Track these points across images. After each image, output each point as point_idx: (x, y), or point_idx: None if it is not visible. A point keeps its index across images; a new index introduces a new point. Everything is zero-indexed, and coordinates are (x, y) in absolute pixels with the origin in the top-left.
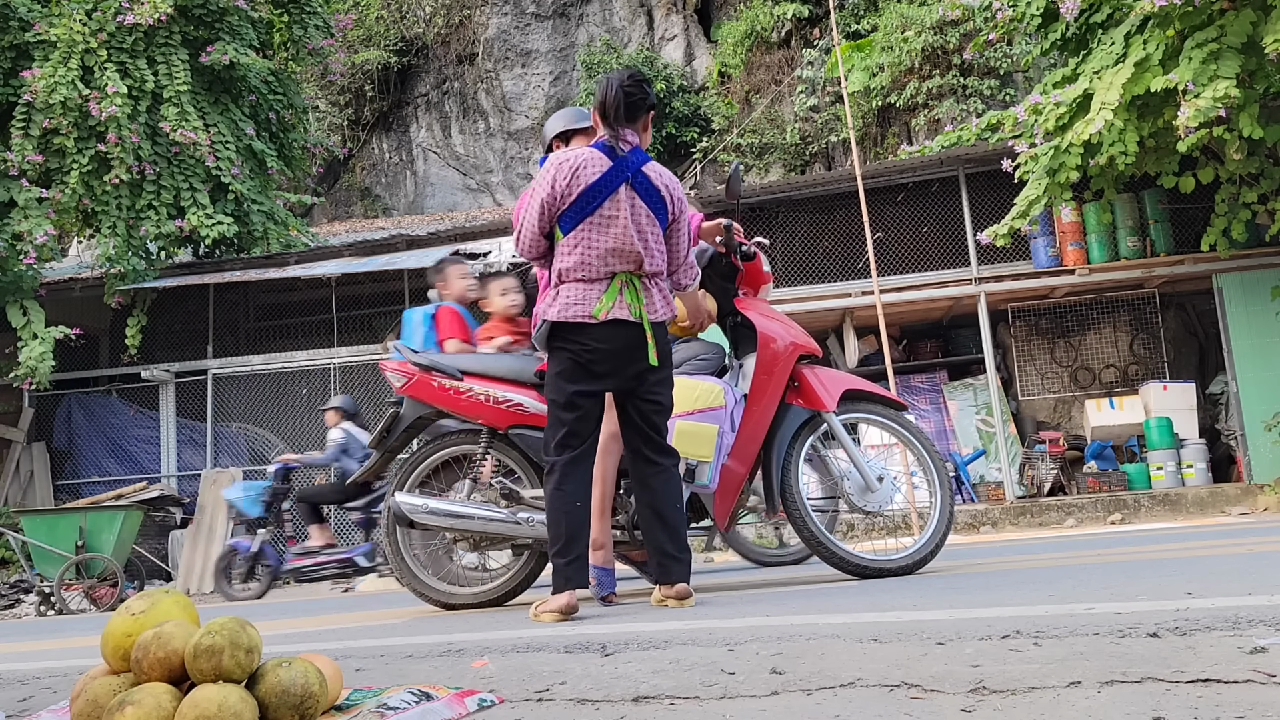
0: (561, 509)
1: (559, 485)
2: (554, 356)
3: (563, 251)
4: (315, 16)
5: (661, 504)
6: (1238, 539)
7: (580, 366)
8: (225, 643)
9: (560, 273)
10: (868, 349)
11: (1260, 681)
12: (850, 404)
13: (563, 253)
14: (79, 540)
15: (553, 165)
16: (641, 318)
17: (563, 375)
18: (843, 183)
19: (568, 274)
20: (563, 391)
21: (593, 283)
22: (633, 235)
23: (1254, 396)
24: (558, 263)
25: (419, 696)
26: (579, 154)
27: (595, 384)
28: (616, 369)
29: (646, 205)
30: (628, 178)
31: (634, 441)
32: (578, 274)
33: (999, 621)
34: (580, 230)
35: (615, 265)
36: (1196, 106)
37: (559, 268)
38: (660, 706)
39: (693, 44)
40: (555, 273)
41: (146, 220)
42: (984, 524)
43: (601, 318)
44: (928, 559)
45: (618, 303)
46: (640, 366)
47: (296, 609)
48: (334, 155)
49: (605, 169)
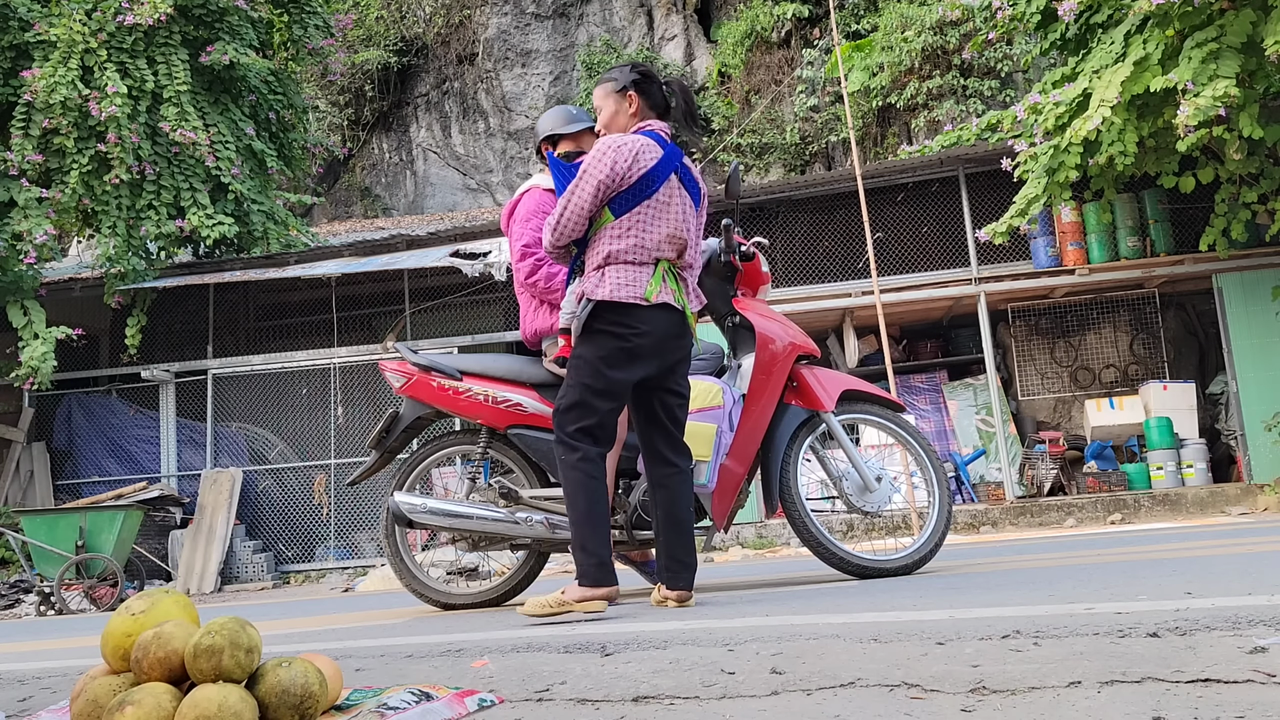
0: (595, 495)
1: (591, 474)
2: (595, 340)
3: (614, 234)
4: (315, 16)
5: (678, 508)
6: (1238, 539)
7: (624, 351)
8: (225, 643)
9: (609, 255)
10: (868, 349)
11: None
12: (848, 404)
13: (614, 235)
14: (79, 540)
15: (610, 148)
16: (684, 305)
17: (605, 360)
18: (843, 183)
19: (617, 256)
20: (601, 378)
21: (641, 266)
22: (685, 223)
23: (1254, 396)
24: (607, 245)
25: (419, 696)
26: (636, 139)
27: (636, 370)
28: (660, 355)
29: (689, 196)
30: (676, 167)
31: (654, 440)
32: (628, 257)
33: (999, 621)
34: (636, 213)
35: (665, 251)
36: (1196, 105)
37: (608, 250)
38: (660, 706)
39: (693, 44)
40: (603, 255)
41: (146, 220)
42: (984, 524)
43: (653, 300)
44: (926, 559)
45: (664, 288)
46: (679, 355)
47: (296, 609)
48: (334, 155)
49: (660, 155)
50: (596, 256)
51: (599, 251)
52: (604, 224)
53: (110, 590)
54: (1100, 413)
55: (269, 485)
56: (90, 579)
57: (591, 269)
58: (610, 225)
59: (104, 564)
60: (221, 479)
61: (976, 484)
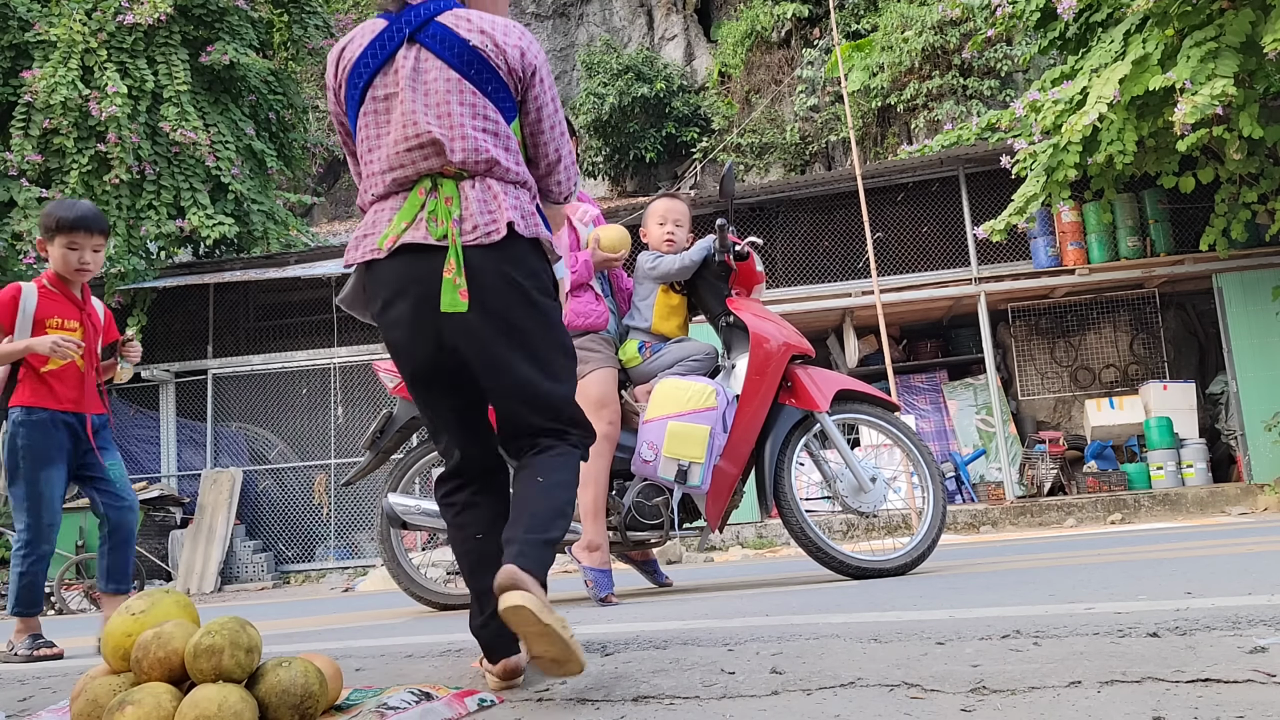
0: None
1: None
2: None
3: (356, 172)
4: (315, 16)
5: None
6: (1238, 539)
7: (382, 333)
8: (225, 642)
9: (360, 202)
10: (868, 349)
11: (1260, 681)
12: (843, 404)
13: (357, 174)
14: (79, 540)
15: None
16: (450, 235)
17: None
18: (843, 182)
19: (362, 198)
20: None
21: (383, 200)
22: (433, 108)
23: (1254, 396)
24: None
25: (419, 696)
26: (353, 30)
27: (402, 362)
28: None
29: (447, 64)
30: (408, 34)
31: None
32: (368, 194)
33: (999, 621)
34: (361, 128)
35: (411, 163)
36: (1194, 103)
37: (359, 196)
38: (660, 706)
39: (693, 44)
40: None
41: (146, 220)
42: (984, 524)
43: (387, 248)
44: (921, 559)
45: (415, 222)
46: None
47: (296, 609)
48: (334, 155)
49: (377, 32)
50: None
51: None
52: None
53: None
54: (1100, 413)
55: (269, 485)
56: (90, 579)
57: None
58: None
59: None
60: (221, 479)
61: (976, 484)
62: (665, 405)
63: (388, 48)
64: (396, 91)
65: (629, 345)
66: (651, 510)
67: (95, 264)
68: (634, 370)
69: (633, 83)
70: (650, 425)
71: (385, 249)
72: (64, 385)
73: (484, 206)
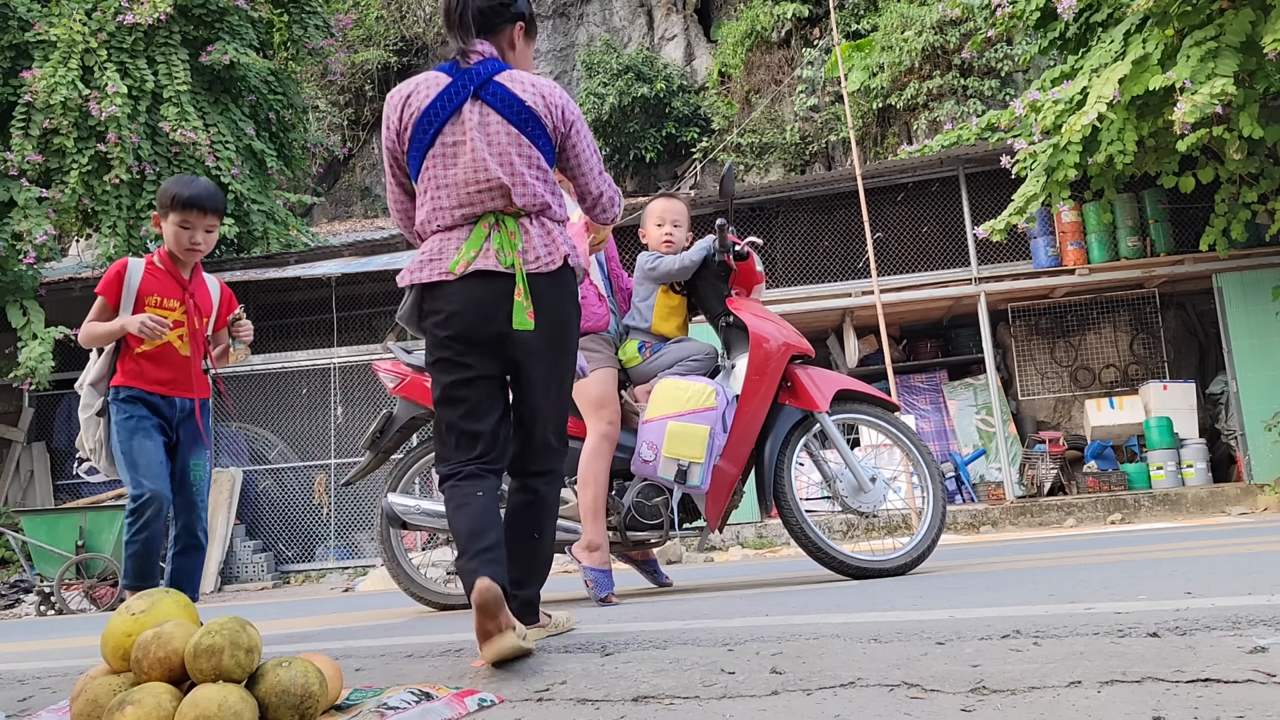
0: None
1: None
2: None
3: (420, 205)
4: (315, 16)
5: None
6: (1238, 539)
7: (437, 343)
8: (225, 643)
9: (419, 231)
10: (868, 349)
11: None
12: (843, 404)
13: (420, 206)
14: (79, 540)
15: (387, 104)
16: (515, 265)
17: (432, 364)
18: (843, 182)
19: (423, 228)
20: (436, 384)
21: (449, 231)
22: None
23: (1254, 396)
24: (416, 218)
25: (419, 696)
26: (410, 81)
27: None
28: (475, 335)
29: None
30: (473, 90)
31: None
32: (433, 224)
33: (999, 621)
34: (426, 167)
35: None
36: (1194, 102)
37: (418, 223)
38: (660, 706)
39: (693, 44)
40: (416, 234)
41: (146, 220)
42: (984, 524)
43: (459, 272)
44: (921, 559)
45: (483, 252)
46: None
47: (296, 609)
48: (334, 155)
49: (443, 87)
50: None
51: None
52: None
53: (110, 590)
54: (1100, 413)
55: (269, 485)
56: (90, 579)
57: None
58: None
59: (104, 564)
60: (221, 479)
61: (976, 484)
62: (665, 405)
63: (454, 101)
64: (464, 140)
65: (629, 345)
66: (651, 510)
67: (207, 245)
68: (634, 370)
69: (633, 83)
70: (650, 425)
71: (457, 273)
72: (156, 367)
73: (544, 241)
